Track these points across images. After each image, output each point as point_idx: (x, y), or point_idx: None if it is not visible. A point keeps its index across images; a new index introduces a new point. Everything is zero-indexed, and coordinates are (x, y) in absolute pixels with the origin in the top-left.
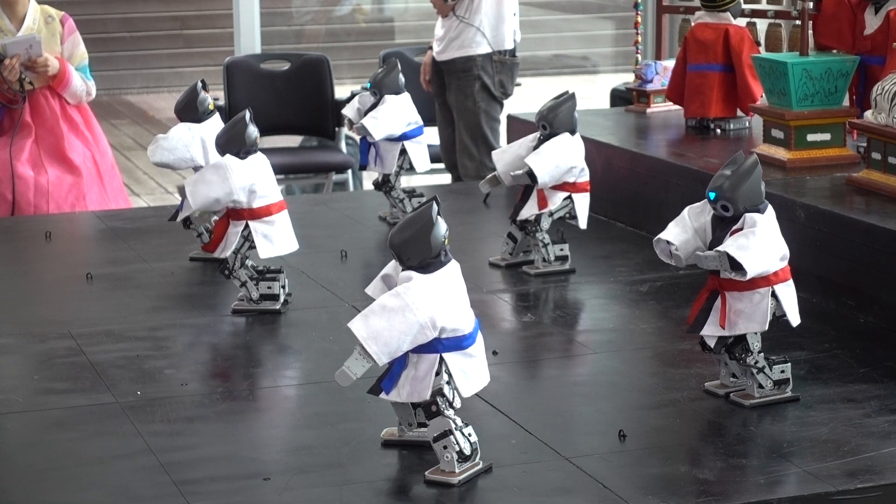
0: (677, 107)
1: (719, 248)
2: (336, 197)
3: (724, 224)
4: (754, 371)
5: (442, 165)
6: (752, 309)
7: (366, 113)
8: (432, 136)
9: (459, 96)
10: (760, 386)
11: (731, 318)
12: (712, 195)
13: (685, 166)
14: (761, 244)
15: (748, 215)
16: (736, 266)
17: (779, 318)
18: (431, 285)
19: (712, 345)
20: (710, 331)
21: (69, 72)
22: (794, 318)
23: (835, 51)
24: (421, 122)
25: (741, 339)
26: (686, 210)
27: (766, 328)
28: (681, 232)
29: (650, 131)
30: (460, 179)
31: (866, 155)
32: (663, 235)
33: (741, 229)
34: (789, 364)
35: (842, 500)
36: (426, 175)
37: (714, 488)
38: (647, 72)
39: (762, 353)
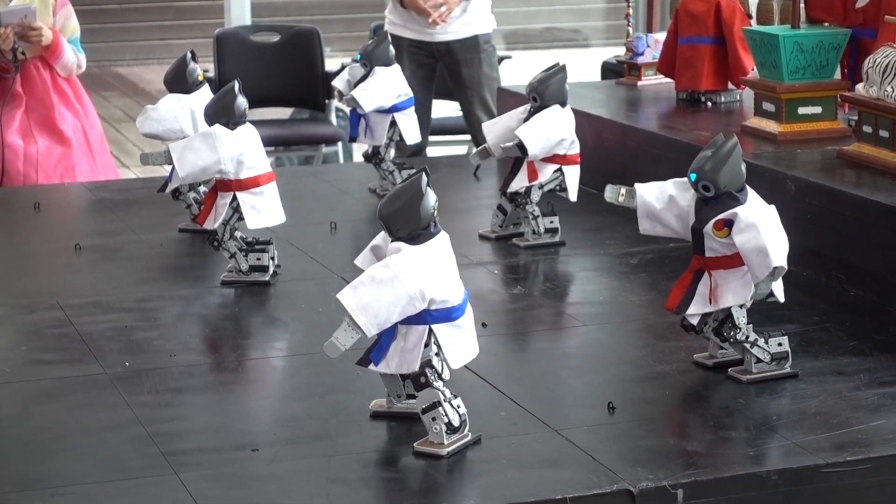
0: (668, 80)
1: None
2: (326, 169)
3: (707, 208)
4: (748, 346)
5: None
6: (738, 283)
7: (356, 85)
8: None
9: (486, 68)
10: (759, 360)
11: (716, 293)
12: (693, 177)
13: (676, 139)
14: (772, 234)
15: (740, 214)
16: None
17: (765, 299)
18: (421, 256)
19: (695, 322)
20: (696, 308)
21: (62, 43)
22: (780, 296)
23: (826, 23)
24: (411, 94)
25: (726, 317)
26: (672, 182)
27: (750, 303)
28: (658, 193)
29: (641, 104)
30: None
31: (857, 128)
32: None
33: (731, 222)
34: (786, 337)
35: (831, 473)
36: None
37: (703, 461)
38: (638, 45)
39: (751, 325)
